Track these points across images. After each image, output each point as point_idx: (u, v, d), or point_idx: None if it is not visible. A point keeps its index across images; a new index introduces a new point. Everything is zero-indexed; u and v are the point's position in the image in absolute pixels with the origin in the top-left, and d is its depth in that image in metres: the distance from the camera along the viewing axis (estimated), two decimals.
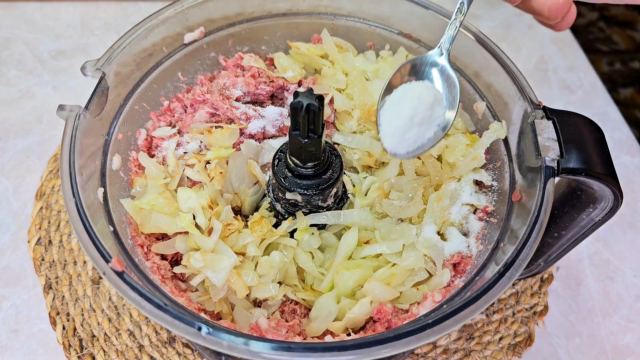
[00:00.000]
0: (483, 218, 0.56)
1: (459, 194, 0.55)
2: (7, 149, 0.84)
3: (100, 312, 0.66)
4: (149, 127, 0.61)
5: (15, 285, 0.68)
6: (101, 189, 0.49)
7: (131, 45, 0.56)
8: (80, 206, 0.43)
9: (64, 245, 0.71)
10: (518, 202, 0.51)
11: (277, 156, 0.58)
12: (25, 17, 1.06)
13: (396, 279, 0.51)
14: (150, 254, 0.51)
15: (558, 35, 1.11)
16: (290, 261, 0.56)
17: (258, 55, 0.68)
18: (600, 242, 0.78)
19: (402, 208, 0.57)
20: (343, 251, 0.55)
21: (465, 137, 0.59)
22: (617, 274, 0.75)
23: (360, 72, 0.67)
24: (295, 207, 0.58)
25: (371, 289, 0.50)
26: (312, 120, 0.49)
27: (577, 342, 0.68)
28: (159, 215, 0.52)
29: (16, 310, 0.66)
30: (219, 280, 0.50)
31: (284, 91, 0.67)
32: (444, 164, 0.59)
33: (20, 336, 0.64)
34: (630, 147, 0.92)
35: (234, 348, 0.38)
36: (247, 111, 0.61)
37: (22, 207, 0.76)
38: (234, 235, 0.55)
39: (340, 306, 0.51)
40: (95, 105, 0.52)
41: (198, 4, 0.62)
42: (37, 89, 0.94)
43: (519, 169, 0.54)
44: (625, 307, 0.71)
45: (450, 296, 0.47)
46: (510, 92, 0.56)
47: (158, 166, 0.57)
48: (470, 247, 0.54)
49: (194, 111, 0.63)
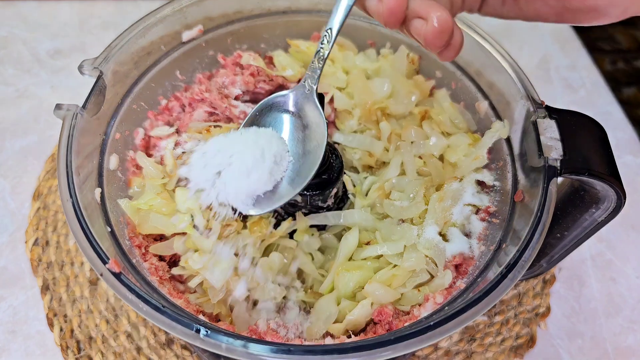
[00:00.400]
0: (485, 218, 0.56)
1: (460, 194, 0.55)
2: (5, 149, 0.83)
3: (97, 313, 0.65)
4: (146, 127, 0.60)
5: (13, 286, 0.68)
6: (98, 189, 0.49)
7: (129, 43, 0.56)
8: (77, 207, 0.42)
9: (61, 246, 0.71)
10: (521, 202, 0.50)
11: None
12: (22, 15, 1.05)
13: (397, 280, 0.51)
14: (148, 255, 0.51)
15: (560, 33, 1.10)
16: (289, 262, 0.56)
17: (257, 54, 0.67)
18: (603, 242, 0.77)
19: (403, 208, 0.57)
20: (343, 252, 0.54)
21: (467, 137, 0.58)
22: (619, 275, 0.74)
23: (360, 71, 0.66)
24: (295, 207, 0.57)
25: (372, 291, 0.49)
26: None
27: (580, 344, 0.67)
28: (157, 215, 0.52)
29: (13, 312, 0.66)
30: (218, 282, 0.49)
31: (284, 90, 0.66)
32: (445, 164, 0.59)
33: (17, 337, 0.64)
34: (633, 146, 0.91)
35: (232, 350, 0.37)
36: (246, 110, 0.61)
37: (20, 207, 0.76)
38: (232, 236, 0.54)
39: (341, 308, 0.50)
40: (93, 104, 0.51)
41: (196, 2, 0.61)
42: (35, 88, 0.93)
43: (521, 168, 0.53)
44: (628, 309, 0.71)
45: (452, 298, 0.46)
46: (512, 91, 0.55)
47: (156, 166, 0.56)
48: (472, 248, 0.54)
49: (192, 110, 0.62)
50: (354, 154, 0.64)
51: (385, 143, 0.62)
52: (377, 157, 0.63)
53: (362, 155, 0.64)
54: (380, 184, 0.60)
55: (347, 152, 0.64)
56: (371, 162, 0.63)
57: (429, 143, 0.60)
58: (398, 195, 0.58)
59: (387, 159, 0.63)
